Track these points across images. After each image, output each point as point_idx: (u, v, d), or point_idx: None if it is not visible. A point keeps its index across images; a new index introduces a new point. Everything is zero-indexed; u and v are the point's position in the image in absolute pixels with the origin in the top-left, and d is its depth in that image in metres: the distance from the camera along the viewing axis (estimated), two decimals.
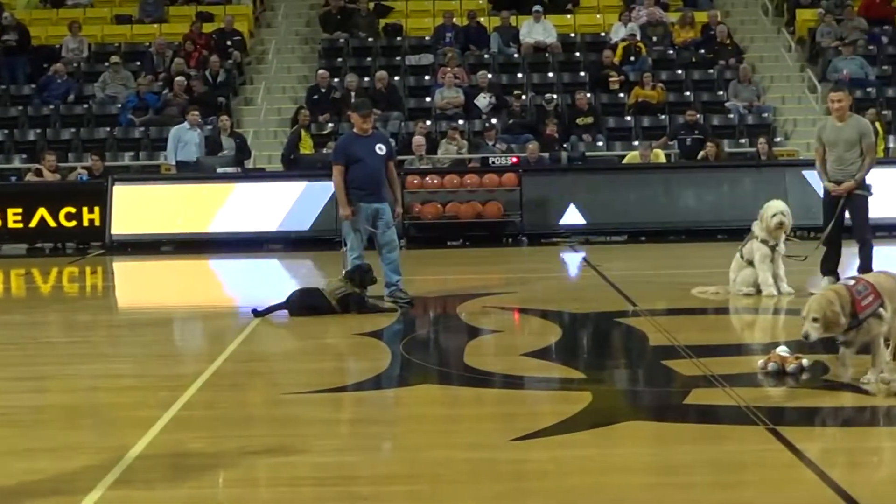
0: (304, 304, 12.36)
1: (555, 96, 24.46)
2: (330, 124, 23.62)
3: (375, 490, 6.37)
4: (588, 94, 24.50)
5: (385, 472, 6.72)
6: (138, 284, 17.50)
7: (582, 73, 26.32)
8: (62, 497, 6.17)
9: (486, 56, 26.82)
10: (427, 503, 6.12)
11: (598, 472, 6.61)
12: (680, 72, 26.19)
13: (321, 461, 6.88)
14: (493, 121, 23.76)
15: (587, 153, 23.16)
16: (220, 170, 20.91)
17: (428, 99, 25.22)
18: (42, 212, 20.26)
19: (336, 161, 12.91)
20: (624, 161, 21.97)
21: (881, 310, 8.18)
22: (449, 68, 24.95)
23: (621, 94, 25.12)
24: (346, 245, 12.96)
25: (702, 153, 21.51)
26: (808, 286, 12.82)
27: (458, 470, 6.64)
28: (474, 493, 6.26)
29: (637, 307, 12.45)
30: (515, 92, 24.65)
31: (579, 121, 23.99)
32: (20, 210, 20.22)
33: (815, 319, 8.04)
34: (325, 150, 21.01)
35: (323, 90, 24.35)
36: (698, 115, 22.97)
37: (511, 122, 23.90)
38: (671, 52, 26.91)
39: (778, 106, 25.39)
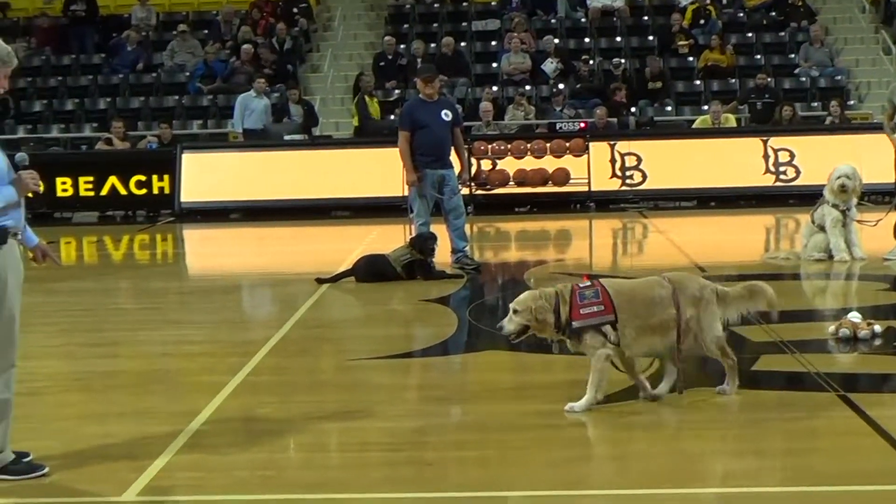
0: (371, 270, 12.38)
1: (623, 61, 24.24)
2: (396, 91, 23.59)
3: (443, 455, 6.38)
4: (657, 59, 24.24)
5: (453, 438, 6.72)
6: (207, 251, 17.65)
7: (650, 37, 26.05)
8: (133, 461, 6.23)
9: (553, 21, 26.61)
10: (495, 469, 6.11)
11: (667, 439, 6.57)
12: (750, 35, 25.82)
13: (389, 426, 6.89)
14: (561, 86, 23.60)
15: (656, 118, 22.96)
16: (287, 137, 21.01)
17: (494, 65, 25.08)
18: (113, 180, 20.46)
19: (402, 127, 12.90)
20: (693, 126, 21.74)
21: (607, 328, 6.89)
22: (516, 33, 24.79)
23: (690, 58, 24.83)
24: (412, 212, 12.95)
25: (779, 115, 21.24)
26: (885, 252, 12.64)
27: (526, 436, 6.62)
28: (542, 460, 6.24)
29: (706, 273, 12.33)
30: (584, 57, 24.46)
31: (648, 85, 23.76)
32: (91, 178, 20.43)
33: (515, 311, 6.96)
34: (391, 117, 21.01)
35: (389, 57, 24.31)
36: (769, 79, 22.66)
37: (578, 87, 23.73)
38: (741, 14, 26.54)
39: (851, 68, 24.97)
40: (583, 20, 26.61)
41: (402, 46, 24.99)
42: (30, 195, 6.08)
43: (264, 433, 6.83)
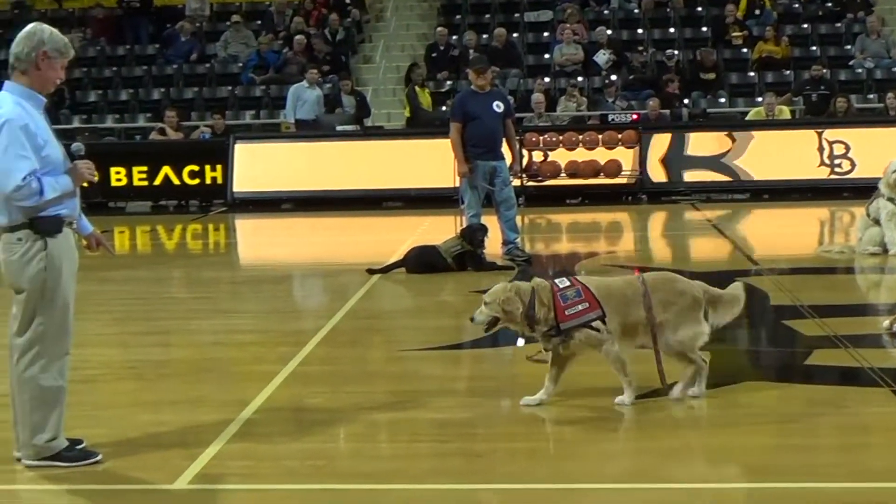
0: (421, 261, 12.39)
1: (676, 52, 24.09)
2: (448, 82, 23.58)
3: (493, 447, 6.37)
4: (711, 50, 24.06)
5: (503, 429, 6.71)
6: (259, 241, 17.74)
7: (704, 28, 25.88)
8: (185, 449, 6.28)
9: (605, 12, 26.49)
10: (547, 461, 6.11)
11: (718, 432, 6.53)
12: (806, 25, 25.57)
13: (439, 417, 6.90)
14: (613, 77, 23.47)
15: (709, 110, 22.80)
16: (339, 128, 21.07)
17: (547, 56, 25.00)
18: (166, 170, 20.61)
19: (453, 118, 12.89)
20: (747, 118, 21.57)
21: (599, 322, 6.83)
22: (568, 24, 24.69)
23: (745, 50, 24.64)
24: (463, 203, 12.95)
25: (833, 107, 21.02)
26: None
27: (578, 427, 6.61)
28: (594, 451, 6.23)
29: (759, 266, 12.25)
30: (639, 48, 24.32)
31: (701, 77, 23.59)
32: (145, 168, 20.58)
33: (486, 303, 6.93)
34: (443, 108, 21.02)
35: (441, 48, 24.30)
36: (824, 71, 22.43)
37: (631, 78, 23.59)
38: (797, 5, 26.28)
39: None
40: (636, 11, 26.47)
41: (454, 37, 24.97)
42: (85, 185, 6.13)
43: (314, 423, 6.86)
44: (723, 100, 23.38)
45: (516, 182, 13.82)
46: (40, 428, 5.98)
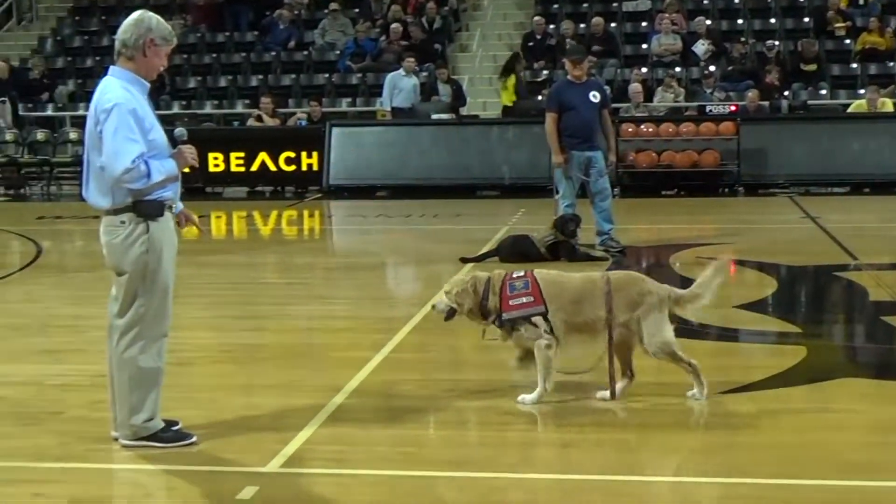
0: (515, 250, 12.39)
1: (777, 43, 23.74)
2: (545, 71, 23.51)
3: (583, 437, 6.35)
4: (812, 41, 23.68)
5: (593, 419, 6.68)
6: (354, 228, 17.84)
7: (806, 19, 25.47)
8: (278, 433, 6.34)
9: (705, 1, 26.20)
10: (635, 452, 6.07)
11: (812, 428, 6.44)
12: None
13: (529, 407, 6.86)
14: (712, 68, 23.21)
15: (809, 102, 22.45)
16: (434, 116, 21.11)
17: (645, 45, 24.80)
18: (263, 156, 20.81)
19: (549, 108, 12.85)
20: (849, 110, 21.21)
21: (540, 319, 6.79)
22: (667, 14, 24.46)
23: (847, 41, 24.21)
24: (557, 193, 12.92)
25: None
26: None
27: (668, 420, 6.57)
28: (684, 444, 6.19)
29: (858, 261, 12.05)
30: (739, 38, 24.01)
31: (802, 68, 23.23)
32: (242, 154, 20.80)
33: (446, 293, 7.01)
34: (539, 98, 20.96)
35: (538, 37, 24.22)
36: None
37: (730, 69, 23.31)
38: None
39: None
40: (736, 1, 26.14)
41: (551, 26, 24.87)
42: (186, 170, 6.22)
43: (405, 410, 6.89)
44: (824, 91, 23.01)
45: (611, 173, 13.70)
46: (138, 408, 6.08)
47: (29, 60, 25.41)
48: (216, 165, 20.72)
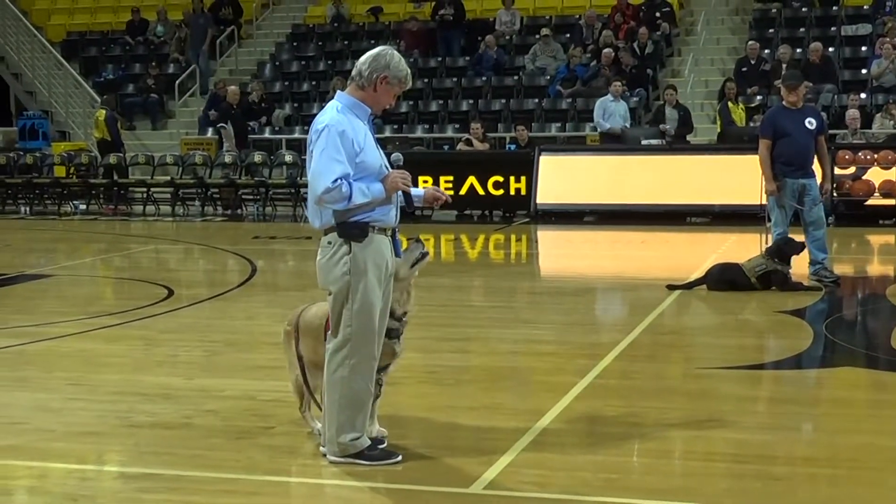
0: (723, 279, 12.19)
1: None
2: (758, 97, 23.09)
3: (792, 471, 6.20)
4: None
5: (803, 454, 6.52)
6: (560, 253, 17.84)
7: None
8: (480, 455, 6.38)
9: None
10: (845, 488, 5.89)
11: None
12: None
13: (737, 438, 6.75)
14: None
15: None
16: (644, 141, 20.95)
17: (864, 70, 24.12)
18: (472, 180, 20.97)
19: (763, 135, 12.60)
20: None
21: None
22: (888, 38, 23.73)
23: None
24: (769, 221, 12.65)
25: None
26: None
27: (881, 457, 6.35)
28: None
29: None
30: None
31: None
32: (451, 178, 20.98)
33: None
34: (752, 124, 20.59)
35: (752, 62, 23.80)
36: None
37: None
38: None
39: None
40: None
41: (766, 51, 24.42)
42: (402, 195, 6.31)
43: (609, 436, 6.84)
44: None
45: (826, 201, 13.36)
46: (346, 427, 6.19)
47: (248, 85, 26.25)
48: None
